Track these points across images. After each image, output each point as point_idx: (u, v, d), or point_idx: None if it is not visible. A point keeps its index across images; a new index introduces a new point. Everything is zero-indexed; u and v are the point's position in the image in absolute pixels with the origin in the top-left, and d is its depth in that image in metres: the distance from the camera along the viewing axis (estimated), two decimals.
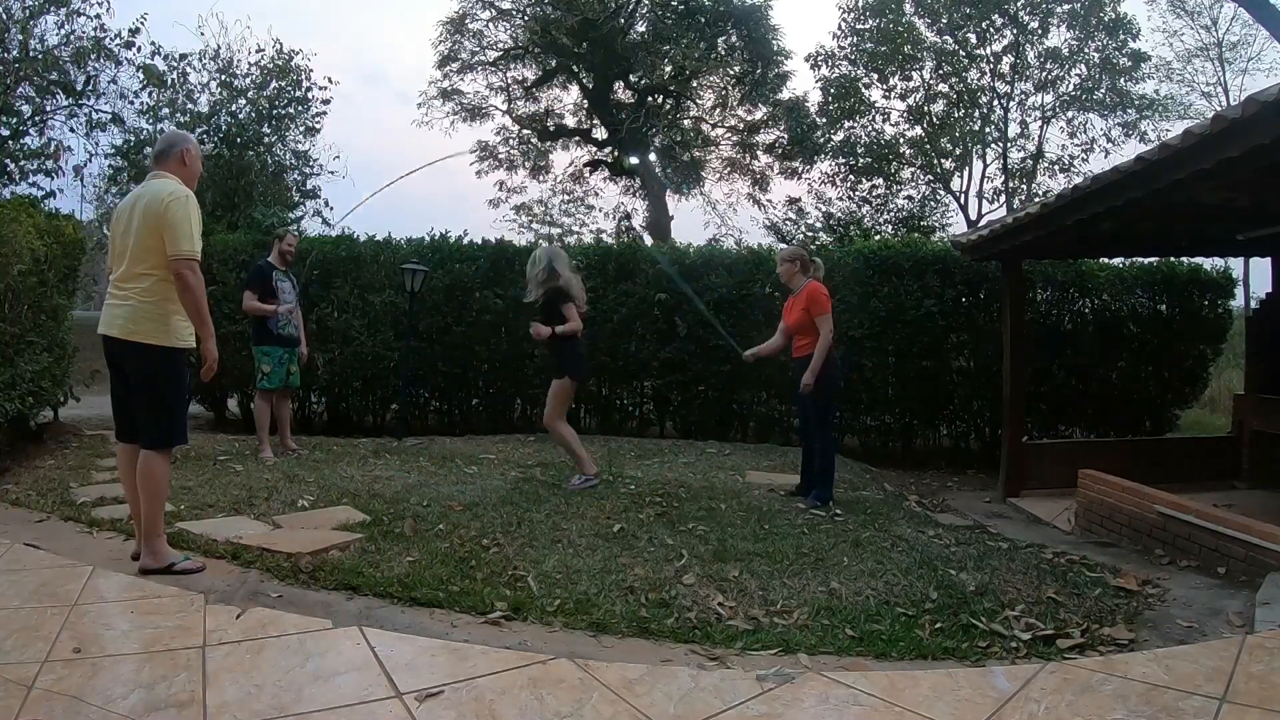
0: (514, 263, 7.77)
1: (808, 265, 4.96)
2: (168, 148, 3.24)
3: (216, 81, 10.21)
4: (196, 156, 3.29)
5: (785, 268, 4.97)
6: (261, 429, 5.76)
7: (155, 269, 3.01)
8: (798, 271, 4.92)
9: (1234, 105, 3.58)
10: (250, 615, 2.62)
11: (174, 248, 2.97)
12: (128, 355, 3.06)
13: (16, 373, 4.97)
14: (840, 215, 17.66)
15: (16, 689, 2.05)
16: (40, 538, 3.50)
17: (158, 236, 2.98)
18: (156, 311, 3.03)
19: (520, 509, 4.20)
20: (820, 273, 5.01)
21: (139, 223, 3.02)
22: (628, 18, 16.47)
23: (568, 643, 2.63)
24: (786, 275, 4.96)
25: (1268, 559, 3.43)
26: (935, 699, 2.16)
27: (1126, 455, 6.24)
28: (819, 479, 4.79)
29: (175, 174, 3.18)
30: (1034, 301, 7.72)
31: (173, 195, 3.02)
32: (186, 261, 2.99)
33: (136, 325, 3.02)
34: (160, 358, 3.05)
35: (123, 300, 3.04)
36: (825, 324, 4.67)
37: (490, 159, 18.78)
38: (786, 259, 5.00)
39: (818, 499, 4.68)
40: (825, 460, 4.81)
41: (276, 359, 5.74)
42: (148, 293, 3.02)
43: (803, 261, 4.95)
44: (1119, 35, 15.99)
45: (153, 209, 2.99)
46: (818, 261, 5.08)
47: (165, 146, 3.26)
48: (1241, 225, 5.83)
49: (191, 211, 3.03)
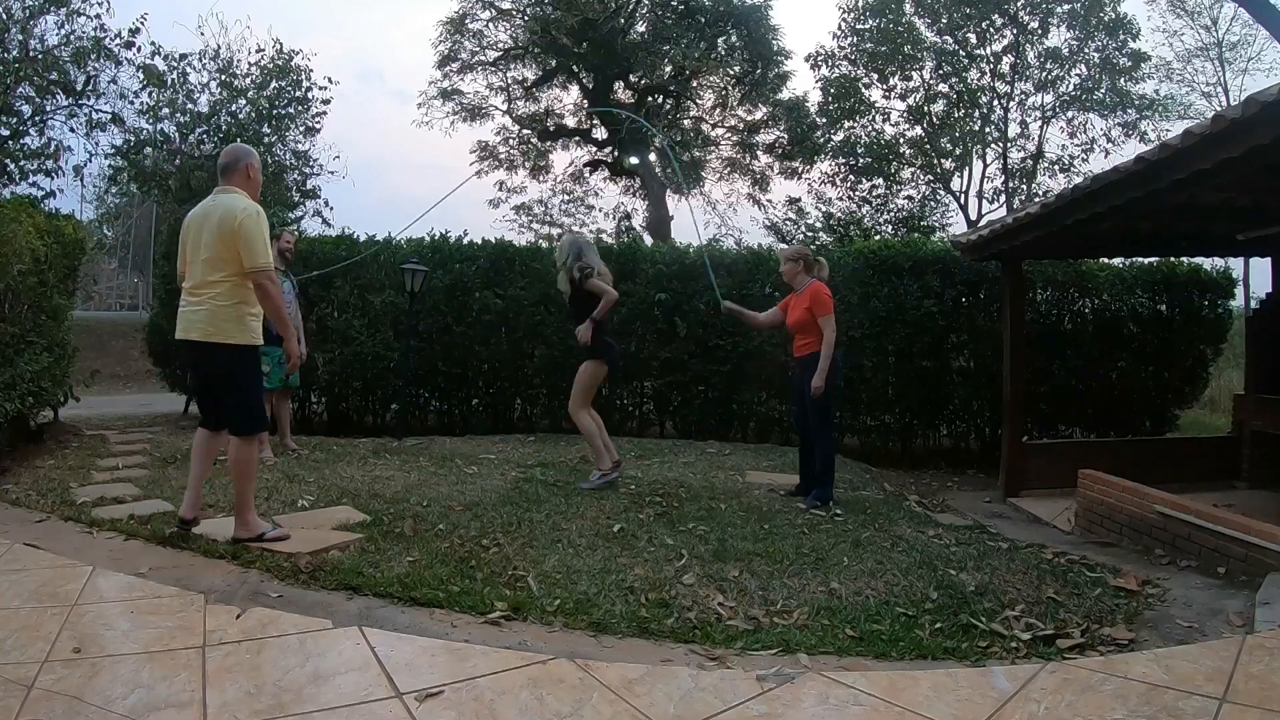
0: (514, 263, 7.79)
1: (811, 265, 4.95)
2: (233, 162, 3.43)
3: (216, 81, 10.21)
4: (259, 169, 3.54)
5: (789, 266, 4.96)
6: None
7: (229, 276, 3.25)
8: (801, 270, 4.91)
9: (1234, 105, 3.58)
10: (250, 615, 2.62)
11: (251, 262, 3.24)
12: (208, 355, 3.33)
13: (16, 373, 4.97)
14: (840, 215, 17.67)
15: (16, 689, 2.05)
16: (40, 538, 3.50)
17: (232, 247, 3.23)
18: (233, 314, 3.29)
19: (520, 509, 4.20)
20: (825, 272, 5.01)
21: (213, 235, 3.25)
22: (628, 18, 16.48)
23: (568, 643, 2.63)
24: (789, 274, 4.95)
25: (1268, 559, 3.43)
26: (935, 699, 2.16)
27: (1126, 455, 6.24)
28: (819, 479, 4.78)
29: (242, 188, 3.40)
30: (1034, 301, 7.72)
31: (245, 212, 3.26)
32: (264, 273, 3.27)
33: (215, 327, 3.28)
34: (239, 354, 3.33)
35: (199, 305, 3.29)
36: (829, 324, 4.66)
37: (490, 159, 18.81)
38: (790, 258, 4.99)
39: (818, 499, 4.68)
40: (825, 460, 4.81)
41: (276, 359, 5.73)
42: (222, 297, 3.27)
43: (806, 261, 4.94)
44: (1119, 35, 16.00)
45: (227, 223, 3.23)
46: (822, 261, 5.07)
47: (230, 161, 3.44)
48: (1241, 225, 5.83)
49: (263, 226, 3.30)
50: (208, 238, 3.27)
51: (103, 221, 20.29)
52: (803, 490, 4.93)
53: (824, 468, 4.79)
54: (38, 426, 6.03)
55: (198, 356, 3.39)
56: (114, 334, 15.33)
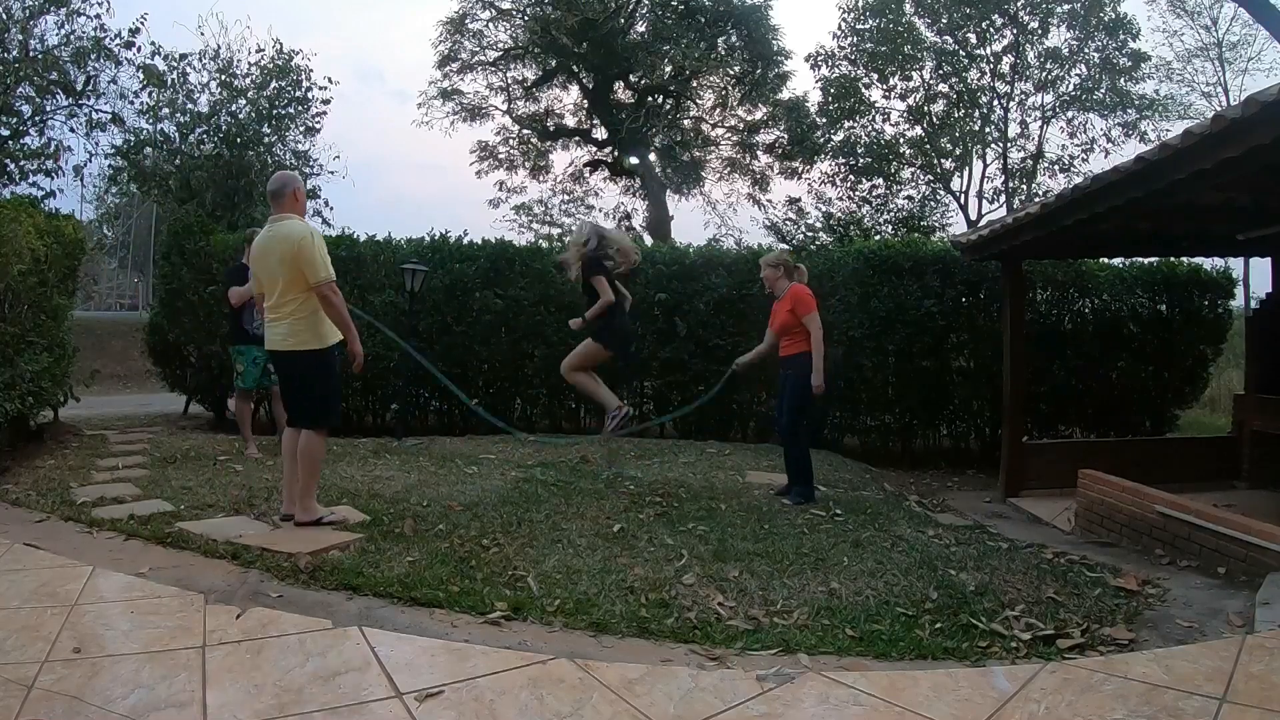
0: (514, 263, 7.78)
1: (791, 270, 5.02)
2: (280, 188, 3.82)
3: (216, 81, 10.22)
4: (304, 191, 3.96)
5: (769, 273, 5.03)
6: (243, 426, 5.89)
7: (299, 294, 3.68)
8: (781, 276, 4.98)
9: (1234, 105, 3.58)
10: (250, 615, 2.62)
11: (314, 278, 3.65)
12: (291, 362, 3.79)
13: (16, 373, 4.97)
14: (840, 215, 17.67)
15: (16, 689, 2.05)
16: (40, 538, 3.50)
17: (297, 270, 3.65)
18: (308, 325, 3.72)
19: (520, 509, 4.19)
20: (804, 277, 5.05)
21: (275, 260, 3.69)
22: (628, 18, 16.48)
23: (568, 643, 2.63)
24: (770, 280, 5.02)
25: (1268, 559, 3.43)
26: (935, 699, 2.16)
27: (1126, 455, 6.24)
28: (797, 478, 4.85)
29: (292, 211, 3.80)
30: (1034, 301, 7.72)
31: (302, 236, 3.66)
32: (327, 285, 3.67)
33: (295, 338, 3.73)
34: (315, 359, 3.76)
35: (278, 320, 3.75)
36: (813, 322, 4.71)
37: (490, 159, 18.81)
38: (770, 264, 5.05)
39: (800, 497, 4.72)
40: (799, 461, 4.86)
41: (250, 359, 5.77)
42: (297, 312, 3.71)
43: (786, 267, 5.02)
44: (1119, 35, 16.00)
45: (289, 250, 3.65)
46: (801, 267, 5.12)
47: (278, 187, 3.83)
48: (1241, 225, 5.83)
49: (319, 244, 3.70)
50: (274, 263, 3.69)
51: (103, 221, 20.28)
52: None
53: (799, 467, 4.86)
54: (38, 426, 6.03)
55: (282, 363, 3.86)
56: (114, 334, 15.32)
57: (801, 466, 4.85)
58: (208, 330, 7.54)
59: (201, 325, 7.60)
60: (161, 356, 8.42)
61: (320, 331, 3.75)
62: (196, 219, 8.50)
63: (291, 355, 3.76)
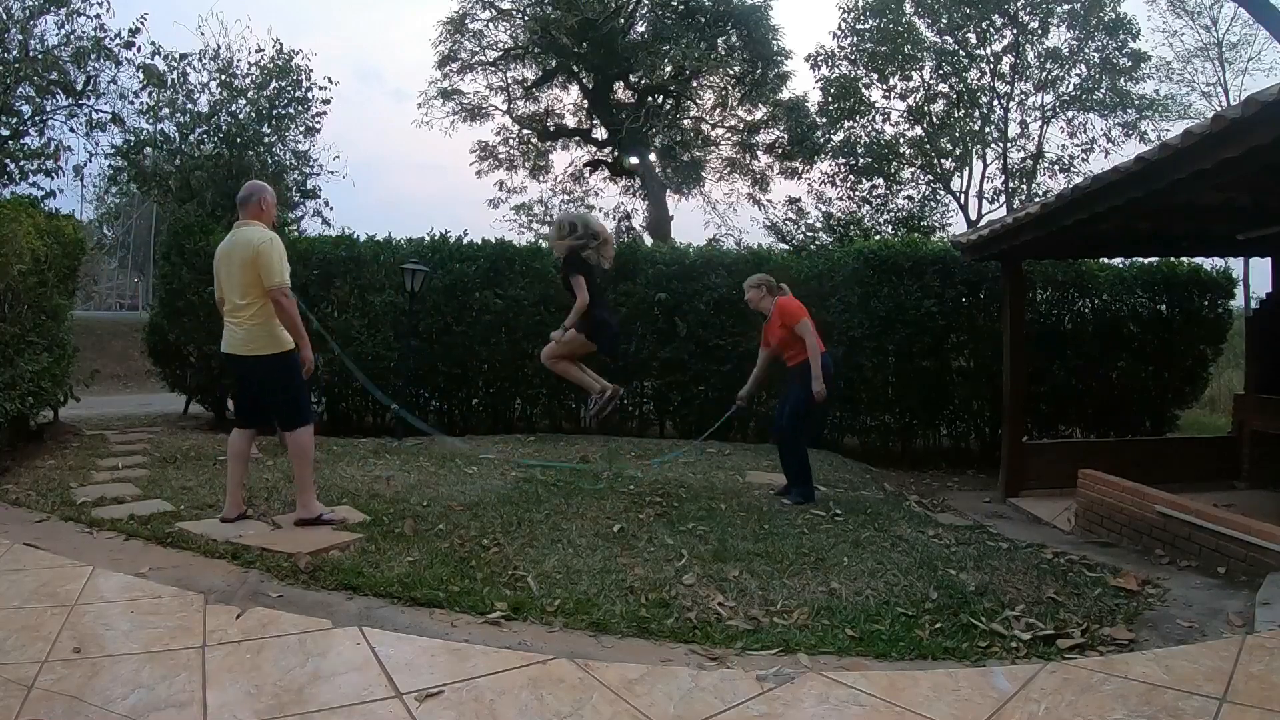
0: (514, 263, 7.78)
1: (773, 288, 5.09)
2: (248, 196, 3.88)
3: (216, 81, 10.19)
4: (272, 202, 3.99)
5: (752, 294, 5.11)
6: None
7: (255, 299, 3.72)
8: (764, 296, 5.05)
9: (1234, 105, 3.58)
10: (250, 615, 2.62)
11: (268, 281, 3.70)
12: (250, 367, 3.83)
13: (16, 373, 4.97)
14: (840, 215, 17.65)
15: (16, 689, 2.05)
16: (40, 538, 3.50)
17: (253, 274, 3.69)
18: (264, 330, 3.76)
19: (520, 509, 4.20)
20: (786, 291, 5.09)
21: (237, 265, 3.74)
22: (628, 18, 16.47)
23: (568, 643, 2.63)
24: (755, 301, 5.09)
25: (1268, 559, 3.43)
26: (935, 699, 2.16)
27: (1126, 455, 6.24)
28: (796, 479, 4.88)
29: (256, 219, 3.85)
30: (1034, 301, 7.73)
31: (261, 240, 3.72)
32: (279, 290, 3.71)
33: (254, 343, 3.76)
34: (274, 362, 3.80)
35: (237, 326, 3.79)
36: (806, 329, 4.74)
37: (490, 159, 18.80)
38: (752, 286, 5.13)
39: (801, 497, 4.75)
40: (798, 463, 4.90)
41: None
42: (254, 317, 3.74)
43: (767, 286, 5.10)
44: (1119, 35, 15.98)
45: (246, 254, 3.70)
46: (784, 287, 5.15)
47: (245, 195, 3.90)
48: (1241, 225, 5.83)
49: (276, 249, 3.74)
50: (234, 268, 3.75)
51: (103, 221, 20.26)
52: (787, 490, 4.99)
53: (798, 469, 4.89)
54: (38, 426, 6.03)
55: (241, 368, 3.89)
56: (114, 334, 15.33)
57: (800, 468, 4.89)
58: (208, 330, 7.52)
59: (201, 325, 7.59)
60: (161, 356, 8.42)
61: (278, 336, 3.80)
62: (196, 219, 8.50)
63: (250, 360, 3.81)
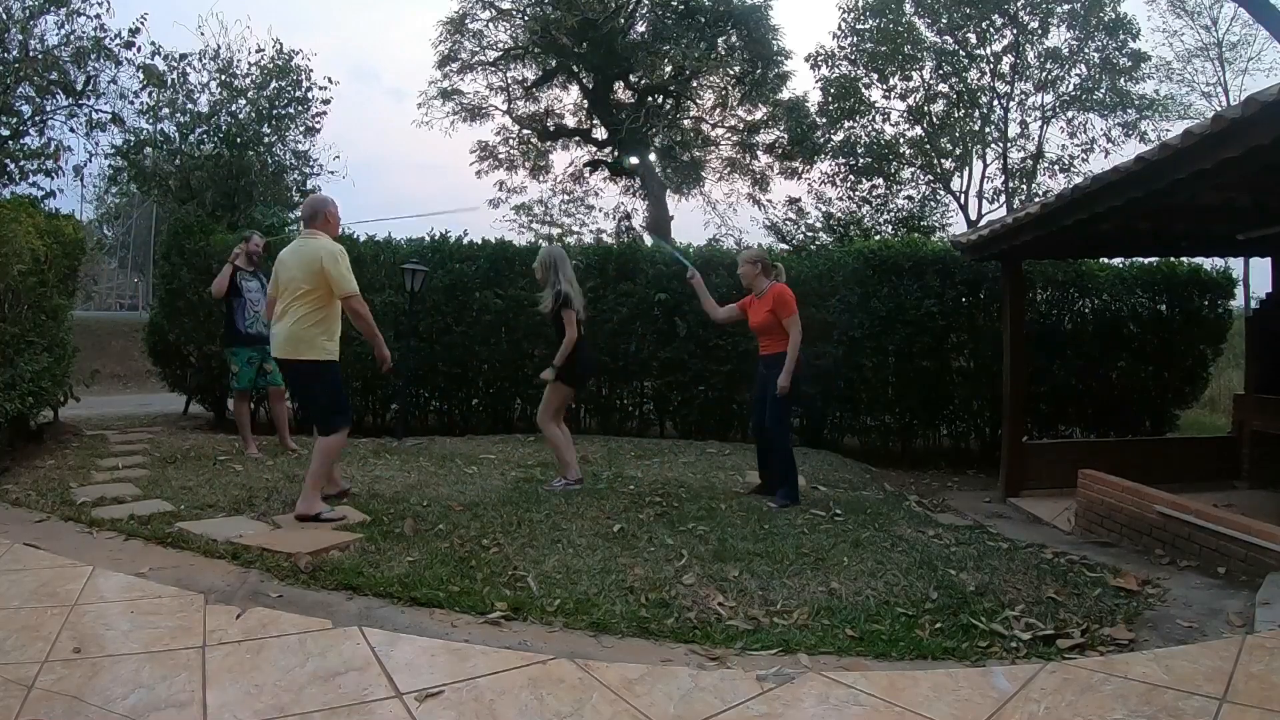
0: (514, 263, 7.77)
1: (769, 268, 4.96)
2: (314, 213, 4.11)
3: (216, 81, 10.19)
4: (337, 215, 4.20)
5: (747, 269, 4.95)
6: (243, 426, 5.90)
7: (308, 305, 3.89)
8: (759, 274, 4.91)
9: (1234, 105, 3.58)
10: (250, 615, 2.62)
11: (340, 291, 3.91)
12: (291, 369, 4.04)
13: (16, 373, 4.97)
14: (840, 215, 17.66)
15: (16, 689, 2.05)
16: (40, 538, 3.50)
17: (316, 281, 3.88)
18: (306, 336, 3.90)
19: (520, 509, 4.19)
20: (782, 276, 4.99)
21: (300, 269, 3.91)
22: (628, 18, 16.47)
23: (568, 643, 2.63)
24: (748, 276, 4.93)
25: (1268, 559, 3.43)
26: (935, 699, 2.16)
27: (1126, 455, 6.24)
28: (782, 479, 4.76)
29: (323, 230, 4.06)
30: (1034, 301, 7.72)
31: (331, 252, 3.91)
32: (356, 299, 3.95)
33: (291, 346, 3.93)
34: (311, 370, 3.95)
35: (281, 325, 3.95)
36: (794, 326, 4.65)
37: (490, 159, 18.80)
38: (748, 260, 4.98)
39: (785, 498, 4.65)
40: (785, 461, 4.80)
41: (244, 359, 5.80)
42: (302, 321, 3.91)
43: (764, 264, 4.95)
44: (1119, 35, 15.99)
45: (314, 263, 3.89)
46: (779, 266, 5.08)
47: (312, 212, 4.13)
48: (1241, 225, 5.83)
49: (344, 261, 3.96)
50: (296, 269, 3.91)
51: (103, 221, 20.29)
52: (766, 489, 4.90)
53: (784, 468, 4.79)
54: (38, 426, 6.03)
55: (284, 368, 4.13)
56: (114, 334, 15.33)
57: (788, 465, 4.80)
58: (207, 330, 7.53)
59: (201, 325, 7.60)
60: (161, 356, 8.41)
61: (316, 344, 3.92)
62: (196, 219, 8.50)
63: (290, 364, 3.99)
